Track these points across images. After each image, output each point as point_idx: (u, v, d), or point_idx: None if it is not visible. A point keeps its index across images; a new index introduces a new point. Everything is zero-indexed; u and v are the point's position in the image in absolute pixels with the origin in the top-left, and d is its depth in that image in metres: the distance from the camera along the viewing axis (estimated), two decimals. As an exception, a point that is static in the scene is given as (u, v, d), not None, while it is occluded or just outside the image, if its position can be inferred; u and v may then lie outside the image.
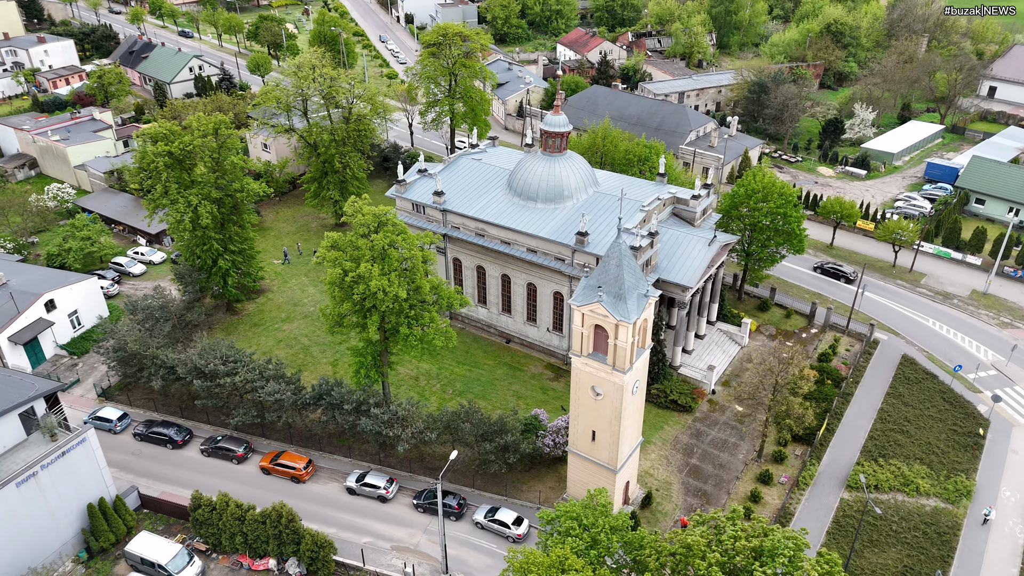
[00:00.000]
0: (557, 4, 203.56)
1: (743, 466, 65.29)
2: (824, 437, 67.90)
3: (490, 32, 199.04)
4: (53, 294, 76.33)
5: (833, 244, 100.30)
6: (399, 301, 58.88)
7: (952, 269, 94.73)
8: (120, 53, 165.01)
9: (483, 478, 62.85)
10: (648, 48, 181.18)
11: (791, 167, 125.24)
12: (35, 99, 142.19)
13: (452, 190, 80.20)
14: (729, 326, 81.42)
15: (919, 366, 76.78)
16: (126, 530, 56.84)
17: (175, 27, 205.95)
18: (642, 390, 55.87)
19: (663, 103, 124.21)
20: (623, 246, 49.91)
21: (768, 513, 60.57)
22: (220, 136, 75.54)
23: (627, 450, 56.57)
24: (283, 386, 62.40)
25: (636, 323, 50.12)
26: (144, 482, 62.39)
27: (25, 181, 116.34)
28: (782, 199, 78.97)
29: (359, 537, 58.11)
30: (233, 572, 55.01)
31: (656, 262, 71.36)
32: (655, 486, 63.04)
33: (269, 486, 62.23)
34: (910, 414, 70.51)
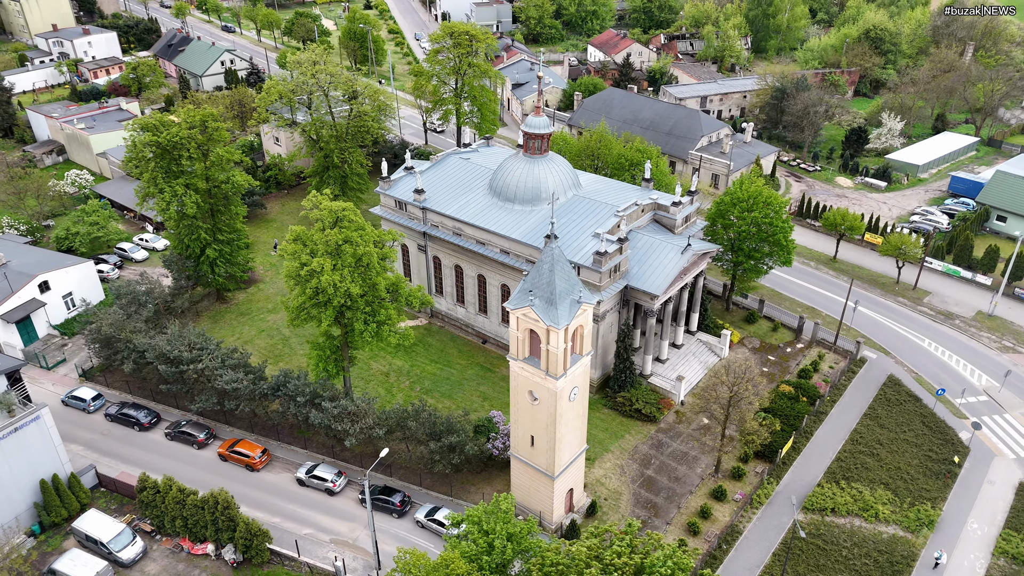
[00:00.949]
0: (592, 5, 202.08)
1: (699, 480, 63.81)
2: (789, 455, 65.86)
3: (523, 32, 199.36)
4: (47, 275, 79.43)
5: (836, 257, 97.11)
6: (352, 297, 59.47)
7: (960, 288, 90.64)
8: (160, 46, 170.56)
9: (432, 477, 62.97)
10: (679, 51, 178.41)
11: (809, 176, 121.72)
12: (74, 88, 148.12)
13: (434, 189, 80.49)
14: (709, 337, 79.63)
15: (903, 388, 73.74)
16: (79, 507, 58.85)
17: (220, 22, 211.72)
18: (583, 397, 55.09)
19: (677, 107, 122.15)
20: (555, 251, 49.31)
21: (716, 530, 59.06)
22: (208, 129, 77.36)
23: (567, 457, 55.86)
24: (241, 375, 63.64)
25: (568, 329, 49.47)
26: (107, 462, 64.46)
27: (52, 167, 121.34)
28: (768, 209, 76.84)
29: (301, 528, 58.91)
30: (174, 554, 56.41)
31: (626, 268, 70.30)
32: (604, 495, 62.13)
33: (224, 472, 63.58)
34: (884, 437, 67.79)
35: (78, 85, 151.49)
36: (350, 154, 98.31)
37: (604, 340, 71.58)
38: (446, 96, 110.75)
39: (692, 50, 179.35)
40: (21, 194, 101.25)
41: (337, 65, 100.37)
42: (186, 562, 55.81)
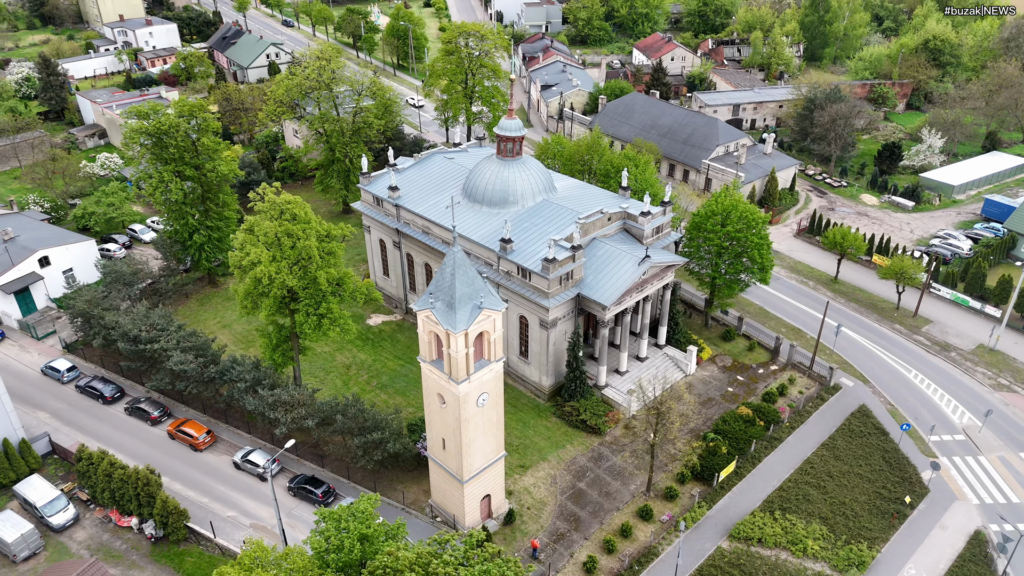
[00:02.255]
0: (644, 7, 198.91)
1: (631, 498, 62.22)
2: (729, 480, 63.41)
3: (571, 33, 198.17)
4: (48, 251, 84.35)
5: (837, 278, 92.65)
6: (292, 289, 60.85)
7: (965, 318, 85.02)
8: (215, 38, 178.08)
9: (362, 472, 63.64)
10: (725, 57, 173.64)
11: (833, 192, 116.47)
12: (128, 76, 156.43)
13: (410, 186, 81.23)
14: (677, 352, 77.41)
15: (872, 419, 69.81)
16: (28, 471, 62.34)
17: (281, 16, 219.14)
18: (496, 404, 54.56)
19: (696, 115, 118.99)
20: (457, 255, 49.08)
21: (634, 550, 57.51)
22: (197, 119, 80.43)
23: (478, 463, 55.50)
24: (191, 358, 65.99)
25: (469, 334, 49.16)
26: (68, 431, 68.02)
27: (94, 149, 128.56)
28: (742, 223, 74.05)
29: (227, 510, 60.70)
30: (102, 524, 59.09)
31: (580, 276, 69.16)
32: (528, 504, 61.41)
33: (170, 450, 66.13)
34: (837, 469, 64.39)
35: (133, 73, 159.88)
36: (351, 149, 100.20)
37: (556, 348, 70.65)
38: (454, 95, 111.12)
39: (739, 56, 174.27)
40: (51, 174, 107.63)
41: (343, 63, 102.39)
42: (111, 533, 58.40)
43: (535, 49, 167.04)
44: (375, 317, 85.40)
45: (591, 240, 72.20)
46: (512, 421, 69.94)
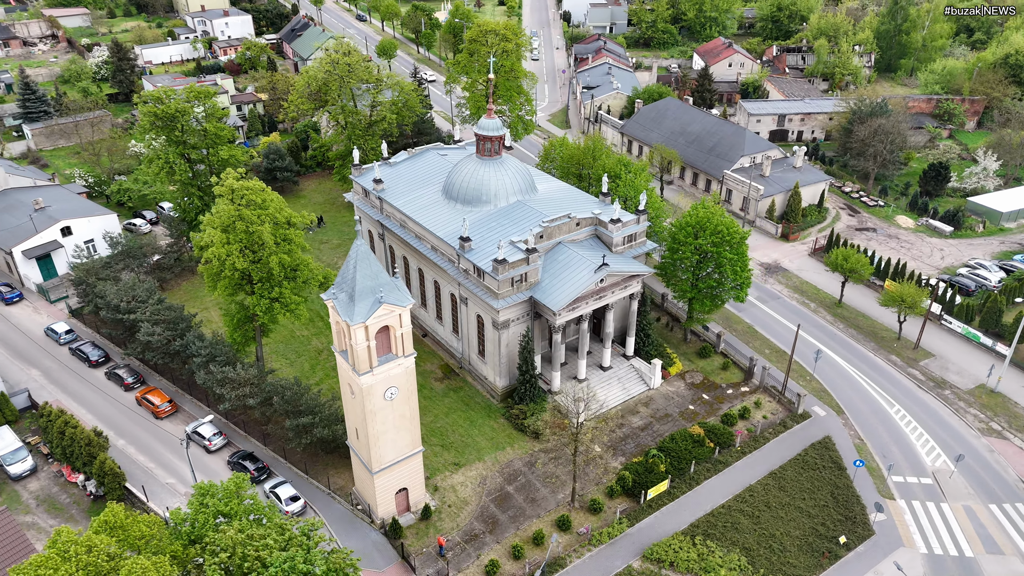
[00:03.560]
0: (713, 11, 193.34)
1: (555, 507, 61.36)
2: (660, 499, 61.48)
3: (635, 35, 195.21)
4: (71, 222, 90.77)
5: (841, 301, 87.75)
6: (245, 272, 63.46)
7: (972, 355, 78.88)
8: (285, 30, 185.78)
9: (300, 454, 65.48)
10: (788, 64, 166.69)
11: (868, 211, 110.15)
12: (199, 63, 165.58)
13: (396, 181, 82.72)
14: (643, 364, 75.46)
15: (832, 453, 66.00)
16: (4, 422, 67.65)
17: (356, 11, 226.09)
18: (408, 399, 54.99)
19: (724, 123, 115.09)
20: (360, 248, 49.88)
21: (541, 558, 56.77)
22: (204, 105, 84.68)
23: (390, 455, 56.22)
24: (159, 330, 69.76)
25: (369, 327, 49.92)
26: (52, 389, 73.29)
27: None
28: (716, 237, 71.38)
29: (168, 477, 63.98)
30: (55, 478, 63.47)
31: (536, 280, 68.60)
32: (451, 502, 61.62)
33: (133, 416, 70.18)
34: (777, 500, 61.31)
35: (204, 61, 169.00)
36: (365, 141, 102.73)
37: (509, 349, 70.38)
38: (474, 94, 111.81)
39: (803, 64, 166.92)
40: (98, 151, 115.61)
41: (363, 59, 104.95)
42: (60, 487, 62.67)
43: (588, 50, 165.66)
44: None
45: (556, 244, 71.46)
46: (460, 419, 70.30)
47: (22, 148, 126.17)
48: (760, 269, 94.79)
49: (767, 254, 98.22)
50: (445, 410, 71.35)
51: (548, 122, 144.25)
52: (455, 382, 75.36)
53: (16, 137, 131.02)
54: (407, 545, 57.52)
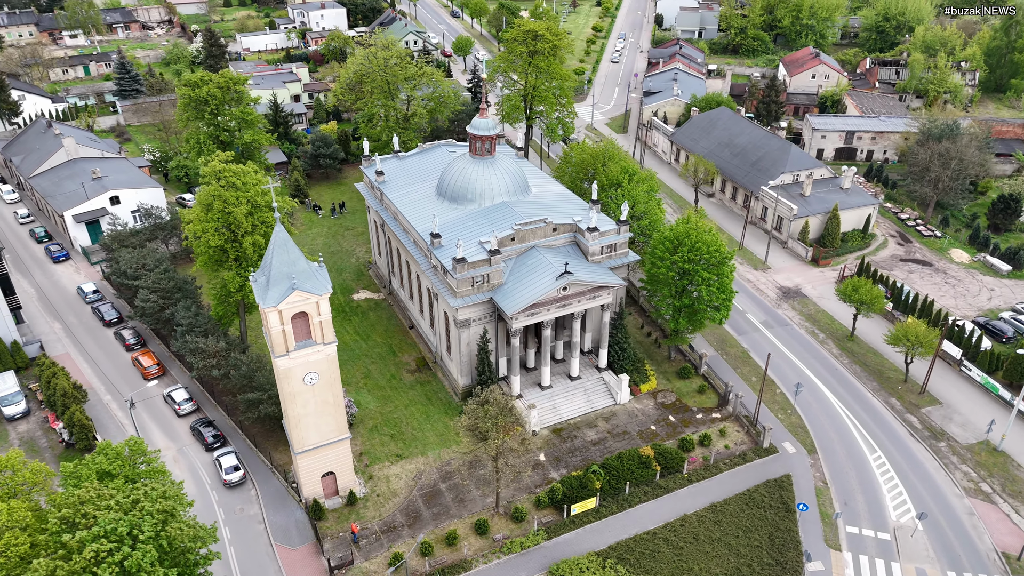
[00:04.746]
0: (811, 19, 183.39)
1: (480, 510, 61.12)
2: (586, 516, 59.93)
3: (724, 41, 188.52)
4: (119, 192, 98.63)
5: (854, 335, 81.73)
6: (212, 248, 67.19)
7: (985, 407, 71.56)
8: (375, 24, 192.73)
9: (257, 426, 68.44)
10: (880, 79, 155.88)
11: (922, 240, 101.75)
12: (288, 52, 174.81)
13: (399, 175, 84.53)
14: (613, 378, 73.43)
15: (787, 493, 61.94)
16: (14, 367, 74.83)
17: (451, 6, 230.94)
18: (330, 386, 56.28)
19: (771, 137, 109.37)
20: (278, 235, 51.69)
21: (447, 559, 56.83)
22: (232, 91, 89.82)
23: (313, 439, 57.91)
24: (154, 297, 74.92)
25: (283, 312, 51.71)
26: (66, 342, 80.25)
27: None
28: (693, 254, 68.38)
29: (142, 437, 68.63)
30: (42, 423, 69.61)
31: (500, 281, 68.35)
32: (379, 492, 62.69)
33: (126, 374, 75.69)
34: (708, 534, 58.30)
35: (292, 50, 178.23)
36: (400, 134, 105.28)
37: (470, 349, 70.56)
38: (511, 95, 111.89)
39: (898, 79, 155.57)
40: (170, 130, 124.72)
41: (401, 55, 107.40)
42: (44, 432, 68.68)
43: (662, 55, 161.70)
44: (361, 292, 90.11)
45: (530, 248, 70.89)
46: (417, 413, 71.24)
47: (112, 122, 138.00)
48: (777, 293, 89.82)
49: (790, 278, 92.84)
50: (406, 402, 72.49)
51: (606, 126, 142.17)
52: (425, 375, 76.33)
53: (112, 112, 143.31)
54: (323, 527, 59.14)
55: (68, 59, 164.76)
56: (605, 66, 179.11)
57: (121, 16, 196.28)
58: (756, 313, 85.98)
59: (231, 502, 61.95)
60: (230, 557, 57.34)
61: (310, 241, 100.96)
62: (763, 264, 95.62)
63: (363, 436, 68.40)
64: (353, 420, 69.51)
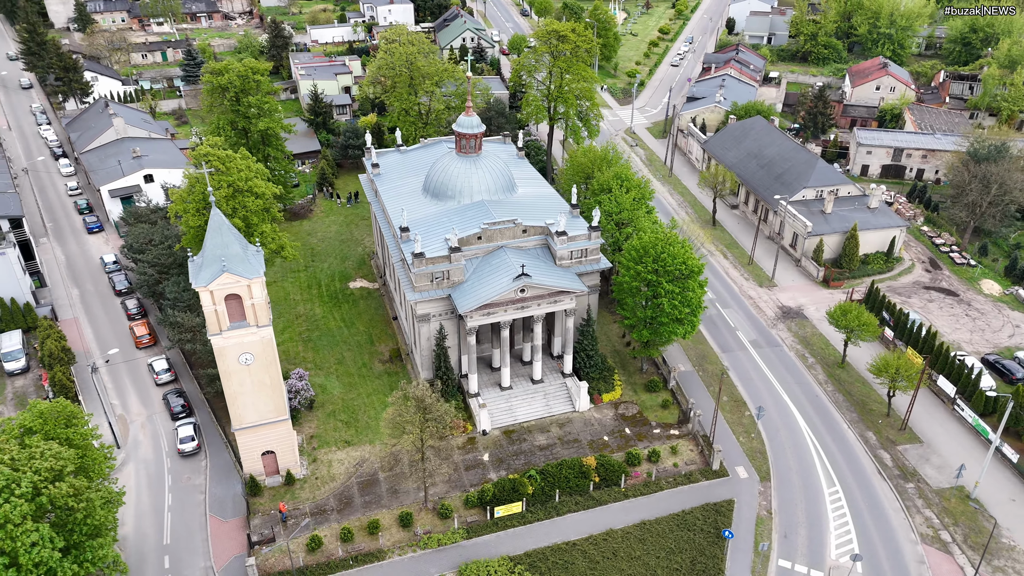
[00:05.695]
0: (889, 27, 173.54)
1: (410, 502, 61.78)
2: (512, 520, 59.59)
3: (794, 47, 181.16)
4: (153, 170, 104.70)
5: (844, 362, 77.46)
6: (193, 228, 70.74)
7: (970, 450, 66.49)
8: (440, 19, 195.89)
9: (222, 401, 71.35)
10: (952, 94, 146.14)
11: (952, 268, 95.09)
12: (351, 45, 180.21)
13: (395, 169, 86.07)
14: (574, 384, 72.38)
15: (724, 519, 59.60)
16: (24, 327, 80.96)
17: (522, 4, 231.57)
18: (266, 368, 58.07)
19: (800, 150, 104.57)
20: (213, 219, 53.88)
21: (365, 547, 57.80)
22: (252, 80, 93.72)
23: (251, 417, 60.03)
24: (151, 271, 79.41)
25: (214, 292, 53.92)
26: (78, 307, 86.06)
27: (285, 101, 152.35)
28: (658, 265, 66.56)
29: (114, 398, 73.08)
30: (37, 381, 75.05)
31: (460, 279, 68.73)
32: (318, 475, 64.32)
33: (121, 342, 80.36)
34: (628, 551, 56.89)
35: (356, 43, 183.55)
36: (427, 129, 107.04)
37: (430, 344, 71.21)
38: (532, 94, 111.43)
39: (971, 94, 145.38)
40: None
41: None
42: (36, 388, 74.05)
43: (718, 60, 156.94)
44: (358, 281, 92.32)
45: (498, 248, 70.90)
46: (377, 402, 72.56)
47: (174, 106, 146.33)
48: (777, 312, 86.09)
49: (795, 297, 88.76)
50: (369, 391, 73.97)
51: (646, 130, 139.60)
52: (395, 367, 77.60)
53: (177, 96, 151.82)
54: (257, 503, 61.32)
55: (148, 45, 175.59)
56: (664, 69, 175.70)
57: (206, 6, 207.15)
58: (748, 331, 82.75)
59: (181, 470, 65.09)
60: (165, 522, 60.36)
61: (324, 228, 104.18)
62: (769, 281, 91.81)
63: (319, 420, 70.32)
64: (313, 403, 71.54)
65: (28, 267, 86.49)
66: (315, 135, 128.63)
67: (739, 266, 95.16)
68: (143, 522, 60.29)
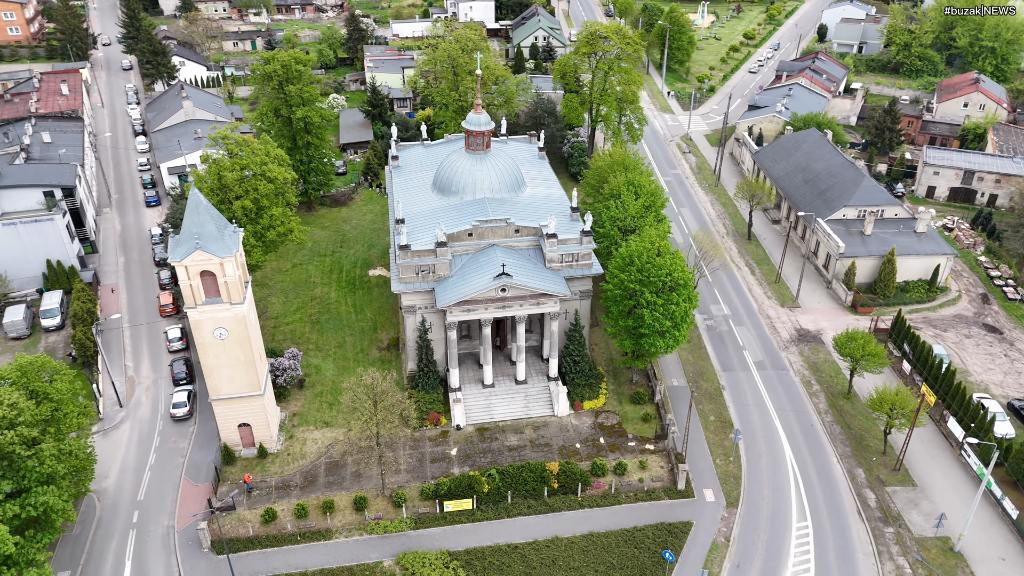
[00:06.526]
0: (993, 40, 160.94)
1: (371, 488, 63.12)
2: (460, 516, 59.94)
3: (885, 57, 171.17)
4: (210, 151, 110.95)
5: (851, 393, 73.06)
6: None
7: (967, 502, 61.26)
8: (518, 18, 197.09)
9: (222, 373, 75.28)
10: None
11: (1003, 304, 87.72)
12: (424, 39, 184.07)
13: (416, 162, 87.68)
14: (556, 388, 71.65)
15: (675, 541, 57.79)
16: (66, 288, 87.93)
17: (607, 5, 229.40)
18: (242, 345, 60.53)
19: (848, 167, 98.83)
20: (191, 198, 56.86)
21: (315, 525, 59.63)
22: (295, 69, 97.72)
23: (227, 390, 62.95)
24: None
25: (188, 267, 56.99)
26: (120, 273, 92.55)
27: (354, 92, 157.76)
28: (642, 275, 64.93)
29: (129, 360, 78.26)
30: (67, 339, 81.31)
31: (446, 274, 69.50)
32: (291, 452, 66.66)
33: (148, 310, 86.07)
34: (567, 561, 56.16)
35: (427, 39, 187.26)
36: (457, 124, 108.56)
37: (414, 336, 72.32)
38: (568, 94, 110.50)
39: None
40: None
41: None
42: (65, 344, 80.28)
43: (793, 68, 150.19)
44: (378, 269, 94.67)
45: (490, 246, 71.22)
46: (364, 387, 74.33)
47: (248, 91, 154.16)
48: (793, 334, 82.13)
49: (815, 320, 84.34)
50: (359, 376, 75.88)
51: (704, 137, 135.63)
52: (391, 355, 79.28)
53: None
54: (228, 472, 64.35)
55: (240, 33, 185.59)
56: (739, 76, 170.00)
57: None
58: (755, 351, 79.40)
59: (169, 433, 69.14)
60: (144, 479, 64.33)
61: (359, 216, 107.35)
62: (792, 301, 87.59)
63: (306, 399, 72.87)
64: (303, 383, 74.18)
65: (79, 234, 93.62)
66: (371, 126, 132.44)
67: (765, 283, 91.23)
68: (124, 477, 64.52)
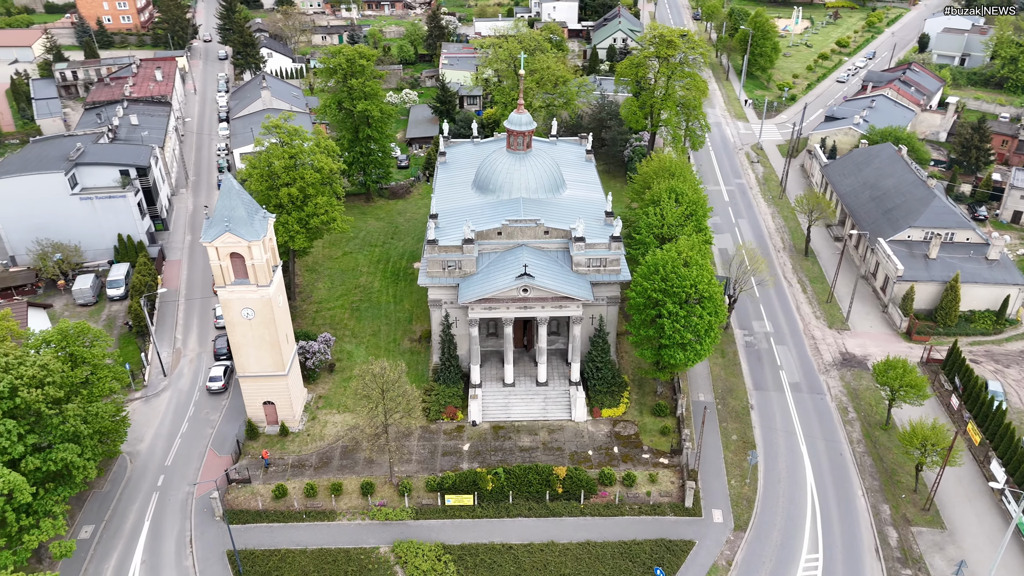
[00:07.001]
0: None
1: (381, 474, 64.46)
2: (461, 511, 60.49)
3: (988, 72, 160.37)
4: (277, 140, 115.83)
5: (889, 423, 69.13)
6: (256, 192, 78.11)
7: (992, 539, 56.99)
8: (600, 19, 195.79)
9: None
10: None
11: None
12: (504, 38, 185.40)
13: (464, 159, 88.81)
14: (580, 395, 70.95)
15: (673, 559, 56.45)
16: (133, 261, 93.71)
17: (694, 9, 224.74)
18: (266, 324, 62.90)
19: (920, 185, 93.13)
20: (224, 183, 59.57)
21: (322, 506, 61.42)
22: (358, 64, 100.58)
23: (253, 368, 65.62)
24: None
25: (219, 248, 59.79)
26: (185, 251, 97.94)
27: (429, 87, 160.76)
28: (666, 285, 63.50)
29: (179, 334, 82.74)
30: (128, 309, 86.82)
31: (472, 271, 70.08)
32: (311, 432, 68.86)
33: (203, 287, 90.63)
34: (559, 567, 55.85)
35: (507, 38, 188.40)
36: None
37: (439, 330, 73.17)
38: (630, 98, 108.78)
39: None
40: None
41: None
42: (124, 312, 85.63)
43: (881, 79, 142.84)
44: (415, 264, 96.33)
45: (519, 246, 71.37)
46: (389, 377, 75.91)
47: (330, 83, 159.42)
48: (836, 358, 78.43)
49: (863, 345, 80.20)
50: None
51: (776, 147, 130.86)
52: (421, 347, 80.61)
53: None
54: (250, 446, 67.15)
55: (329, 27, 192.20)
56: (826, 84, 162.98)
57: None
58: (792, 372, 76.29)
59: (204, 405, 72.74)
60: (173, 446, 67.96)
61: (414, 209, 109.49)
62: (842, 323, 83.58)
63: (334, 383, 75.09)
64: (333, 367, 76.47)
65: (150, 212, 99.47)
66: (438, 122, 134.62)
67: (815, 303, 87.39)
68: (157, 443, 68.37)
